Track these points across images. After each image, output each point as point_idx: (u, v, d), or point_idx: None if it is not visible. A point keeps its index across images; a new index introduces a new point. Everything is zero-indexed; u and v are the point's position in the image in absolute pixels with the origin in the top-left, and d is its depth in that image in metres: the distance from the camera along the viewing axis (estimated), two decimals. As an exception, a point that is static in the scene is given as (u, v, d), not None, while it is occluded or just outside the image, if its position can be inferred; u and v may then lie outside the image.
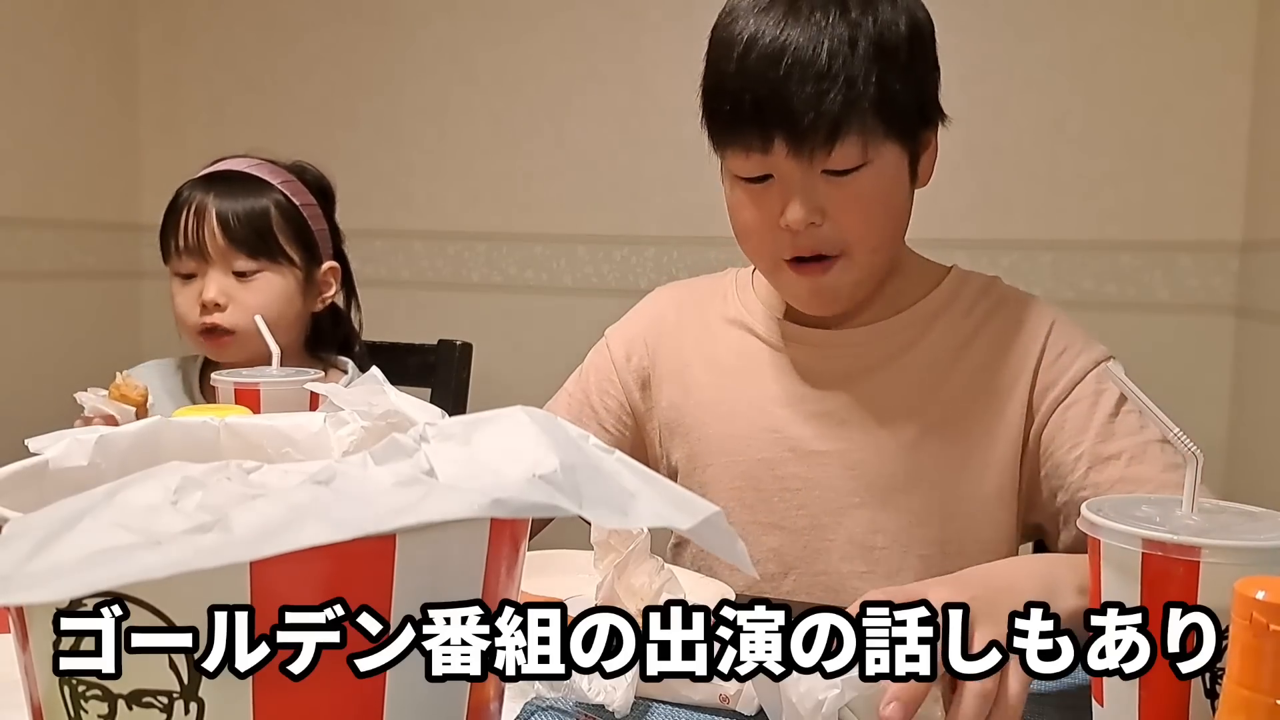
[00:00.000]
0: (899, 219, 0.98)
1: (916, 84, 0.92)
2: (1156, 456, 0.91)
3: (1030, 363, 0.97)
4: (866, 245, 0.95)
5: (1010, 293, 1.04)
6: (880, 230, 0.95)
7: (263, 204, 1.36)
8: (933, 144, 0.98)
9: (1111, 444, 0.92)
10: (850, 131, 0.88)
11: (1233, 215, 1.91)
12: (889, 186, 0.93)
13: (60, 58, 2.36)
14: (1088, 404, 0.94)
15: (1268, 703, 0.41)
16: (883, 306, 1.02)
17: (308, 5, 2.47)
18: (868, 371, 1.01)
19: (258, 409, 1.00)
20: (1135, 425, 0.93)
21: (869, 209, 0.93)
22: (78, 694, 0.39)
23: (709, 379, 1.07)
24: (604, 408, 1.12)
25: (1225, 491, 1.81)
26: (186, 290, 1.36)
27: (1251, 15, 1.87)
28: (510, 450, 0.42)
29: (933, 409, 0.98)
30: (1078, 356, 0.97)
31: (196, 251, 1.34)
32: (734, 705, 0.68)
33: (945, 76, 0.99)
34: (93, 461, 0.51)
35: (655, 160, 2.15)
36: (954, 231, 2.00)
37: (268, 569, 0.37)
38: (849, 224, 0.92)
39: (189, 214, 1.34)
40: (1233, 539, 0.56)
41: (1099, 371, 0.95)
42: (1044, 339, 0.98)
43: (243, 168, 1.39)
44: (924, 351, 1.00)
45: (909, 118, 0.93)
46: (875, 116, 0.89)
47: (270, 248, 1.35)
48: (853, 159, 0.90)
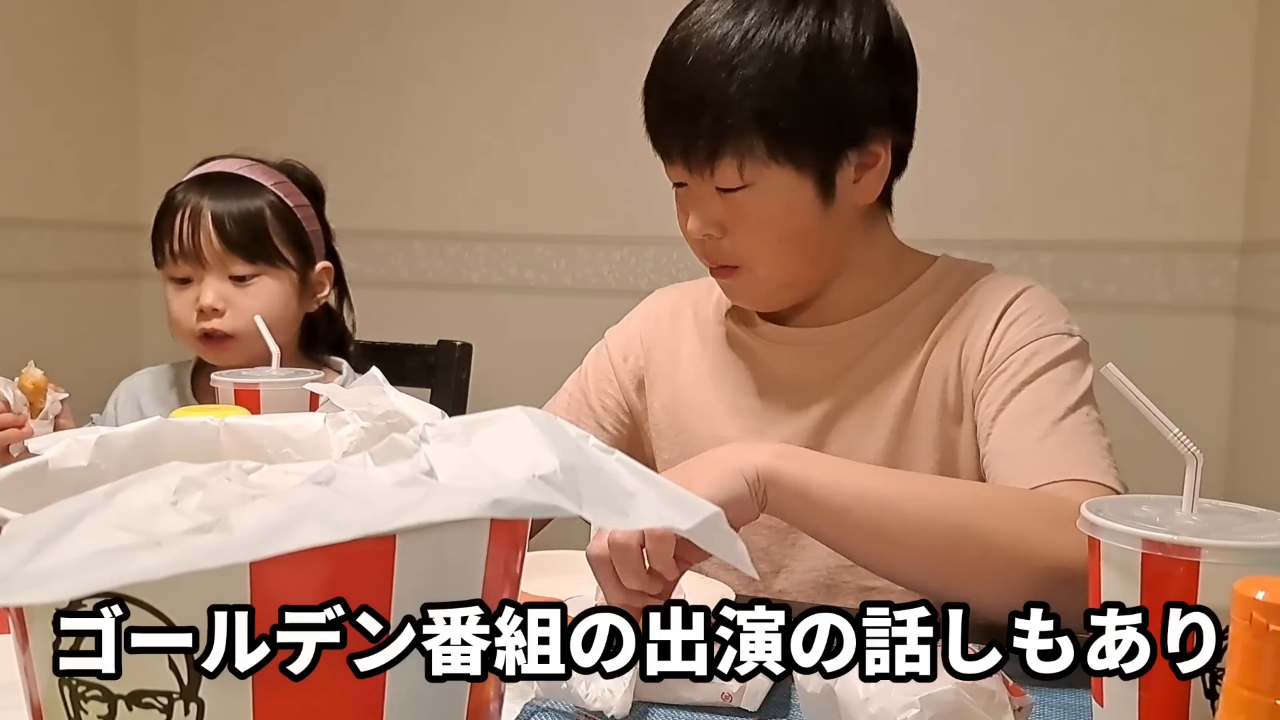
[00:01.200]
0: (800, 240, 0.96)
1: (820, 105, 0.90)
2: (1042, 427, 0.89)
3: (986, 335, 0.97)
4: (762, 264, 0.96)
5: (991, 275, 1.03)
6: (773, 251, 0.96)
7: (257, 206, 1.35)
8: (881, 159, 0.95)
9: (1009, 410, 0.92)
10: (725, 154, 0.91)
11: (1232, 216, 1.91)
12: (779, 209, 0.93)
13: (60, 58, 2.36)
14: (1011, 372, 0.94)
15: (1267, 703, 0.41)
16: (860, 303, 1.02)
17: (308, 5, 2.47)
18: (847, 368, 1.01)
19: (257, 409, 1.00)
20: (1048, 394, 0.91)
21: (759, 229, 0.94)
22: (77, 694, 0.39)
23: (697, 380, 1.08)
24: (602, 407, 1.13)
25: (1225, 492, 1.81)
26: (182, 295, 1.35)
27: (1251, 16, 1.87)
28: (510, 450, 0.42)
29: (912, 397, 0.99)
30: (1026, 327, 0.96)
31: (192, 256, 1.32)
32: (737, 703, 0.68)
33: (946, 76, 0.99)
34: (92, 462, 0.51)
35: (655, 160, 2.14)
36: (954, 231, 2.00)
37: (268, 569, 0.37)
38: (742, 241, 0.95)
39: (183, 218, 1.33)
40: (1232, 539, 0.56)
41: (1039, 344, 0.94)
42: (1003, 308, 0.97)
43: (234, 169, 1.38)
44: (901, 343, 1.00)
45: (805, 141, 0.91)
46: (754, 140, 0.90)
47: (267, 251, 1.34)
48: (732, 179, 0.92)
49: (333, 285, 1.45)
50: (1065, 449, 0.88)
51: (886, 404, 0.99)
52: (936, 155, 1.81)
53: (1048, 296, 1.00)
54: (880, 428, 0.99)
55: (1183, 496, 0.61)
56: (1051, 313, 0.97)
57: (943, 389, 0.98)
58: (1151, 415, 0.62)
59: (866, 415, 0.99)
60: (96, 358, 2.36)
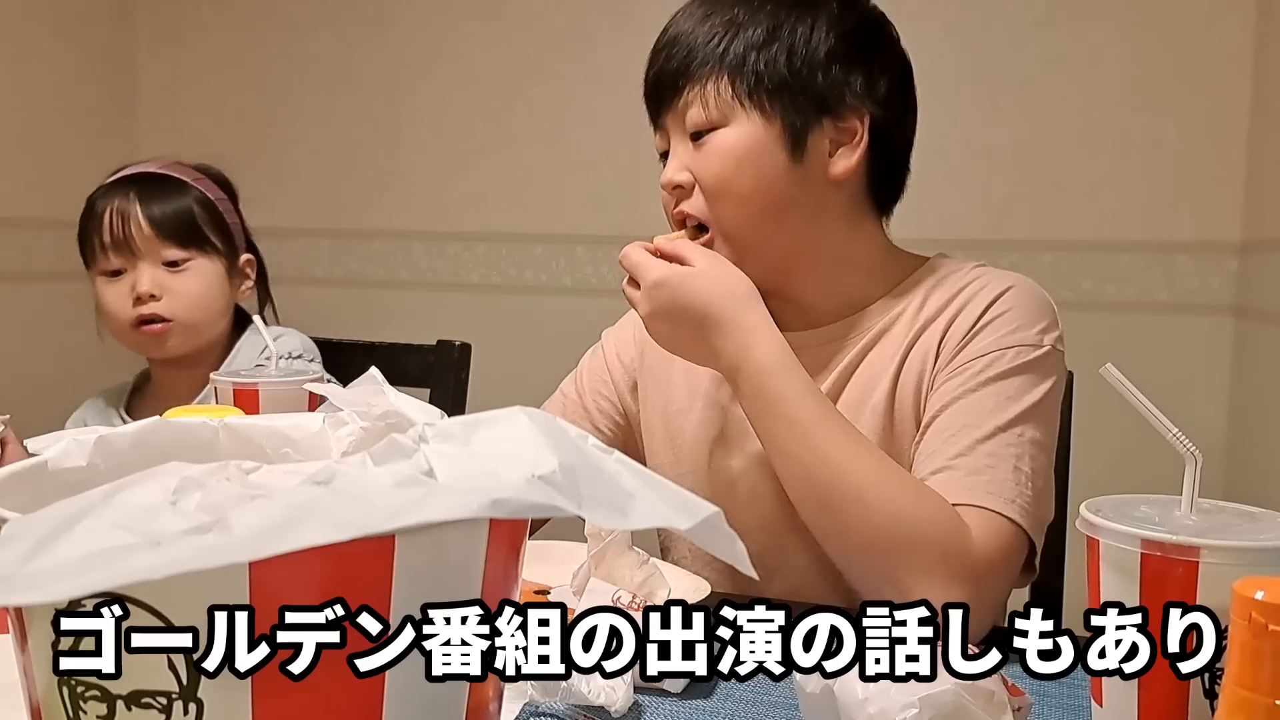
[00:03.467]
0: (766, 192, 0.95)
1: (786, 62, 0.94)
2: (963, 443, 0.89)
3: (961, 334, 0.95)
4: (726, 211, 0.96)
5: (982, 271, 1.01)
6: (737, 197, 0.95)
7: (183, 196, 1.41)
8: (859, 136, 0.96)
9: (941, 419, 0.92)
10: (692, 90, 0.95)
11: (1231, 216, 1.91)
12: (744, 153, 0.94)
13: (60, 58, 2.36)
14: (962, 379, 0.92)
15: (1267, 703, 0.41)
16: (845, 304, 1.01)
17: (308, 5, 2.47)
18: (833, 370, 1.00)
19: (256, 409, 1.00)
20: (984, 407, 0.90)
21: (719, 169, 0.95)
22: (77, 694, 0.39)
23: (689, 383, 1.07)
24: (597, 409, 1.12)
25: (1225, 491, 1.81)
26: (115, 286, 1.39)
27: (1250, 16, 1.87)
28: (509, 451, 0.42)
29: (891, 398, 0.97)
30: (995, 333, 0.94)
31: (124, 246, 1.37)
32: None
33: (946, 76, 0.99)
34: (92, 462, 0.51)
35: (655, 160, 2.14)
36: (954, 232, 2.00)
37: (267, 569, 0.37)
38: (704, 184, 0.96)
39: (112, 212, 1.37)
40: (1232, 539, 0.56)
41: (1001, 353, 0.92)
42: (984, 308, 0.95)
43: (153, 169, 1.43)
44: (887, 345, 0.99)
45: (770, 89, 0.94)
46: (718, 79, 0.94)
47: (197, 236, 1.40)
48: (701, 119, 0.95)
49: (255, 279, 1.50)
50: (976, 472, 0.87)
51: (869, 405, 0.98)
52: (936, 155, 1.81)
53: (1031, 296, 0.97)
54: (865, 428, 0.97)
55: (1182, 496, 0.61)
56: (1029, 319, 0.95)
57: (918, 387, 0.97)
58: (1150, 415, 0.62)
59: (851, 416, 0.99)
60: (96, 358, 2.35)
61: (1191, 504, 0.61)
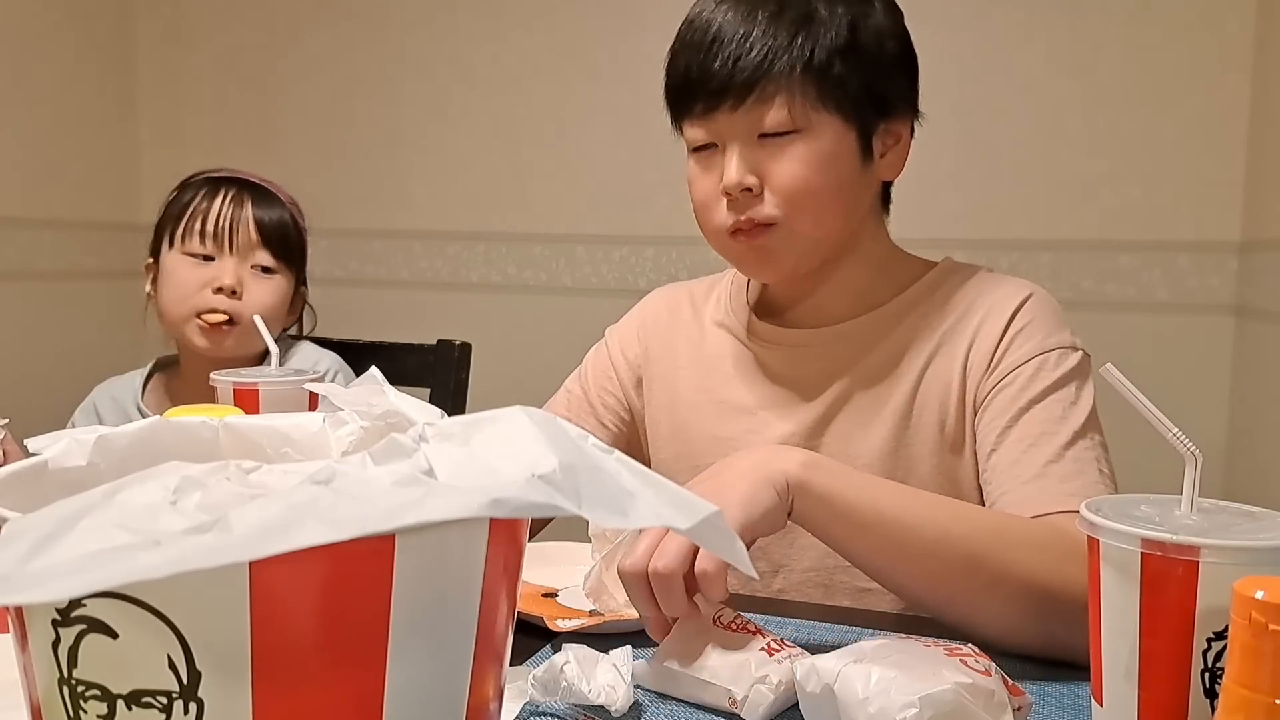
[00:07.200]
0: (842, 195, 0.96)
1: (862, 68, 0.94)
2: (1046, 453, 0.90)
3: (993, 341, 0.97)
4: (804, 215, 0.95)
5: (992, 278, 1.03)
6: (817, 201, 0.95)
7: (285, 211, 1.44)
8: (903, 139, 0.99)
9: (1015, 430, 0.92)
10: (774, 92, 0.92)
11: (1231, 215, 1.91)
12: (827, 158, 0.94)
13: (60, 58, 2.36)
14: (1017, 388, 0.94)
15: (1266, 702, 0.41)
16: (857, 303, 1.02)
17: (308, 5, 2.47)
18: (844, 369, 1.01)
19: (256, 409, 1.00)
20: (1054, 415, 0.92)
21: (804, 176, 0.94)
22: (77, 694, 0.39)
23: (696, 380, 1.08)
24: (603, 405, 1.13)
25: (1225, 491, 1.81)
26: (198, 270, 1.39)
27: (1250, 15, 1.87)
28: (509, 450, 0.42)
29: (910, 402, 0.98)
30: (1031, 339, 0.96)
31: (225, 238, 1.38)
32: (740, 711, 0.68)
33: (946, 76, 1.00)
34: (92, 461, 0.51)
35: (655, 160, 2.15)
36: (953, 232, 2.00)
37: (267, 569, 0.37)
38: (787, 189, 0.94)
39: (225, 200, 1.39)
40: (1232, 539, 0.56)
41: (1044, 359, 0.94)
42: (1010, 314, 0.97)
43: (251, 178, 1.45)
44: (900, 346, 1.00)
45: (850, 95, 0.94)
46: (804, 83, 0.92)
47: (289, 250, 1.43)
48: (783, 122, 0.93)
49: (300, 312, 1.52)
50: (1067, 480, 0.88)
51: (884, 408, 0.99)
52: (936, 155, 1.81)
53: (1050, 303, 1.00)
54: (878, 430, 0.98)
55: (1182, 496, 0.61)
56: (1056, 324, 0.98)
57: (944, 395, 0.98)
58: (1151, 415, 0.62)
59: (863, 418, 0.99)
60: (96, 358, 2.36)
61: (1191, 503, 0.61)
